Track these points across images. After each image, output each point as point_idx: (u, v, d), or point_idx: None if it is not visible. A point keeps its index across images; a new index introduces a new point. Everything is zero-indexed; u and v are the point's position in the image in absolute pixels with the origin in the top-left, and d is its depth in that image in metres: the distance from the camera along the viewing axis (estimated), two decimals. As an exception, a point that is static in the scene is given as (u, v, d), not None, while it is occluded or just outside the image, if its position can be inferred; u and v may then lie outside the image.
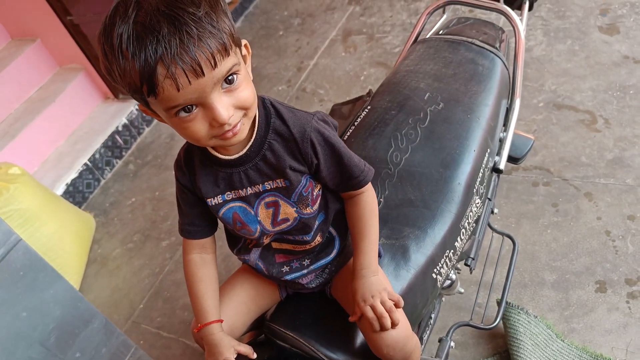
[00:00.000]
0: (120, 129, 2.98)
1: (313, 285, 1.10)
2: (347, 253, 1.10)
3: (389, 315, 0.94)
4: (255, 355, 1.00)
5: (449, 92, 1.33)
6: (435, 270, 1.12)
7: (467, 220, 1.20)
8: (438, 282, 1.14)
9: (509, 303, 1.67)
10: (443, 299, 1.51)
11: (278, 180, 0.96)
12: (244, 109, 0.84)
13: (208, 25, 0.75)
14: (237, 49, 0.82)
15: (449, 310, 1.81)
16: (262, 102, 0.95)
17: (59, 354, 1.63)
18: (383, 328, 0.94)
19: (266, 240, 1.05)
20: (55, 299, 1.60)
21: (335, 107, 1.57)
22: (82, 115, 3.04)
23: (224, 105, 0.80)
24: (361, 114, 1.33)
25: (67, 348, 1.66)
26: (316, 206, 1.01)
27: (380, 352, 0.97)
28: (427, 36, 1.57)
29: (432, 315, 1.29)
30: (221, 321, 1.04)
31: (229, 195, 0.98)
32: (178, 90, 0.76)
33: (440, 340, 1.43)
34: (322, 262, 1.08)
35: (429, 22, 1.59)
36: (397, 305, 0.96)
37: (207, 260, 1.07)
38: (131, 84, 0.77)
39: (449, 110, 1.29)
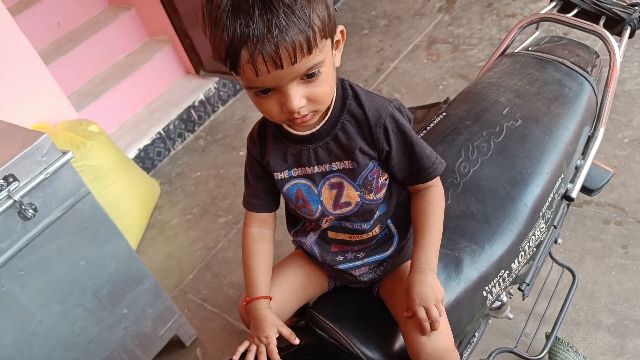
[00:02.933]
0: (196, 104, 3.07)
1: (365, 279, 1.09)
2: (404, 255, 1.09)
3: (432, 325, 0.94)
4: (297, 341, 1.01)
5: (530, 110, 1.28)
6: (486, 288, 1.09)
7: (527, 244, 1.15)
8: (487, 301, 1.11)
9: (559, 338, 1.60)
10: (490, 320, 1.47)
11: (346, 162, 0.97)
12: (316, 102, 0.86)
13: (299, 20, 0.76)
14: (329, 40, 0.83)
15: (494, 334, 1.76)
16: (342, 83, 0.97)
17: (108, 306, 1.71)
18: (423, 332, 0.94)
19: (325, 224, 1.05)
20: (113, 254, 1.68)
21: (410, 110, 1.56)
22: (163, 86, 3.16)
23: (297, 95, 0.82)
24: (435, 120, 1.31)
25: (117, 302, 1.73)
26: (380, 195, 1.00)
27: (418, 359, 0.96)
28: (516, 50, 1.53)
29: (476, 334, 1.26)
30: (270, 298, 1.06)
31: (295, 172, 1.00)
32: (257, 75, 0.78)
33: (480, 362, 1.39)
34: (378, 257, 1.07)
35: (519, 39, 1.54)
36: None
37: (265, 235, 1.09)
38: (218, 54, 0.80)
39: (526, 128, 1.24)
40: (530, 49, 1.49)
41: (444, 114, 1.32)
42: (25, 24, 2.33)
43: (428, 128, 1.31)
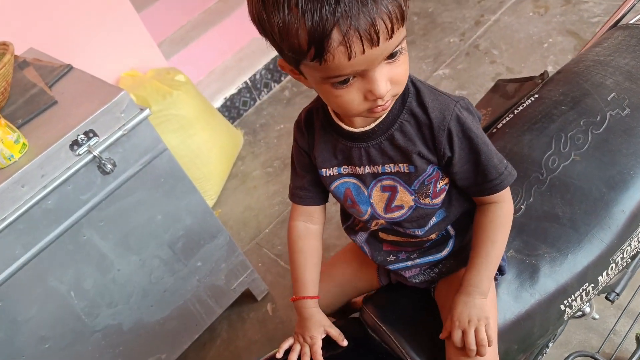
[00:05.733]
0: (284, 53, 3.00)
1: (416, 281, 1.02)
2: (463, 258, 0.99)
3: (478, 349, 0.86)
4: (345, 343, 0.97)
5: (642, 98, 1.10)
6: (565, 302, 0.97)
7: (620, 255, 1.01)
8: (566, 315, 1.00)
9: (651, 342, 1.45)
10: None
11: (401, 165, 0.87)
12: (398, 85, 0.76)
13: None
14: None
15: (577, 326, 1.63)
16: None
17: (183, 259, 1.76)
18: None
19: (374, 227, 0.98)
20: (188, 209, 1.71)
21: (500, 83, 1.40)
22: (252, 33, 3.04)
23: (383, 79, 0.72)
24: (525, 102, 1.16)
25: (191, 255, 1.78)
26: (438, 200, 0.90)
27: None
28: (633, 21, 1.30)
29: (550, 344, 1.15)
30: (317, 297, 1.02)
31: (345, 170, 0.91)
32: (349, 59, 0.67)
33: (554, 364, 1.29)
34: (430, 258, 0.99)
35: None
36: (488, 344, 0.87)
37: (311, 230, 1.03)
38: (293, 45, 0.68)
39: (635, 119, 1.07)
40: (652, 19, 1.27)
41: (536, 95, 1.16)
42: (117, -30, 2.35)
43: (516, 111, 1.16)
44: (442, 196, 0.91)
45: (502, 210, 0.91)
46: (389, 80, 0.73)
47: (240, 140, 2.77)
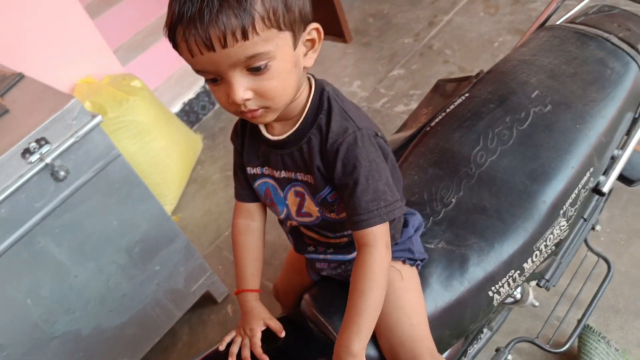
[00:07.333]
0: (242, 56, 3.02)
1: (324, 274, 1.09)
2: None
3: None
4: (283, 334, 1.00)
5: (562, 94, 1.16)
6: (492, 288, 1.03)
7: (544, 243, 1.07)
8: (495, 301, 1.05)
9: (589, 327, 1.53)
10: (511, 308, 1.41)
11: (308, 176, 0.92)
12: (266, 98, 0.80)
13: (235, 3, 0.71)
14: (286, 34, 0.77)
15: (524, 315, 1.70)
16: (321, 93, 0.90)
17: (141, 264, 1.77)
18: None
19: (289, 226, 1.03)
20: (145, 214, 1.72)
21: (440, 83, 1.46)
22: (210, 37, 3.12)
23: (241, 86, 0.77)
24: (456, 101, 1.21)
25: (149, 260, 1.79)
26: (343, 215, 0.93)
27: None
28: (558, 22, 1.38)
29: (484, 330, 1.21)
30: (257, 291, 1.06)
31: (266, 170, 0.97)
32: (192, 56, 0.75)
33: (497, 350, 1.34)
34: (340, 257, 1.03)
35: (567, 5, 1.39)
36: None
37: (252, 227, 1.07)
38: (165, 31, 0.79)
39: (556, 115, 1.13)
40: (576, 20, 1.34)
41: (466, 94, 1.22)
42: (71, -23, 2.34)
43: (447, 110, 1.21)
44: None
45: (372, 256, 0.85)
46: (251, 90, 0.78)
47: (199, 145, 2.78)
